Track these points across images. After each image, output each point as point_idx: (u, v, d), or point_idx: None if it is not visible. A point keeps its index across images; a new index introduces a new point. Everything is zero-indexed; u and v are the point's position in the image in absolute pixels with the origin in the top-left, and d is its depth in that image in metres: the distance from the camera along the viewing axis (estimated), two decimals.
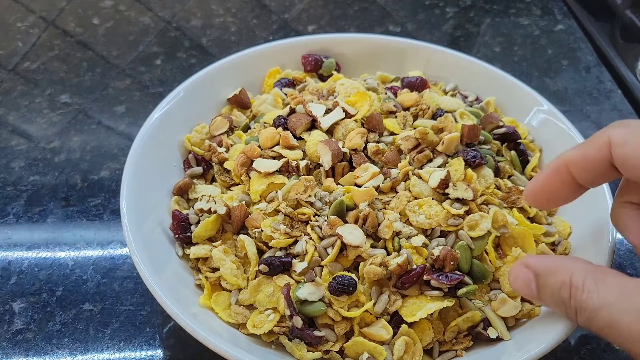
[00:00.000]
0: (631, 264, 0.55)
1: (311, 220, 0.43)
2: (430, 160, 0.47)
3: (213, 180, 0.51)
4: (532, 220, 0.47)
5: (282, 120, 0.50)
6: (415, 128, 0.49)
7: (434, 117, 0.51)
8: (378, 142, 0.48)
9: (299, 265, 0.41)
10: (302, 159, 0.47)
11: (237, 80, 0.58)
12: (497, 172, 0.49)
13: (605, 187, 0.46)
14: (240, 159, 0.47)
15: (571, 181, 0.37)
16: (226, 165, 0.49)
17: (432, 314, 0.40)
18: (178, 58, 0.78)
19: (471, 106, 0.56)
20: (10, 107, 0.69)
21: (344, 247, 0.41)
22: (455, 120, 0.50)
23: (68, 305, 0.49)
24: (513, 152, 0.52)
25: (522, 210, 0.46)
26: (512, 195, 0.46)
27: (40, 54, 0.77)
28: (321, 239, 0.42)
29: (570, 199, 0.39)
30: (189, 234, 0.46)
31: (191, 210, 0.47)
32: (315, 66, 0.60)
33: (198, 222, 0.45)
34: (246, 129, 0.53)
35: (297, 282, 0.41)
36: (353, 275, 0.40)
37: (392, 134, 0.49)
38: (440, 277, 0.40)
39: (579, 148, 0.37)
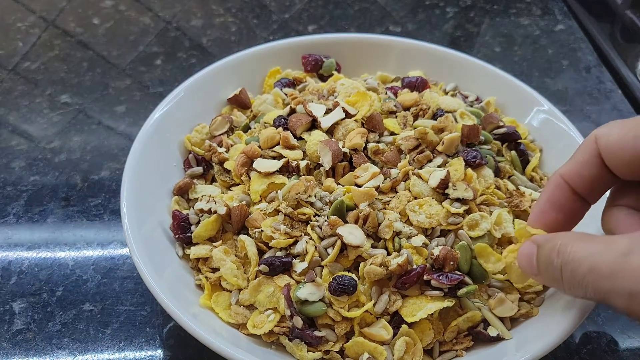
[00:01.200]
0: None
1: (311, 220, 0.43)
2: (430, 160, 0.47)
3: (213, 180, 0.51)
4: None
5: (283, 120, 0.50)
6: (415, 128, 0.49)
7: (434, 117, 0.51)
8: (378, 142, 0.48)
9: (299, 266, 0.41)
10: (303, 159, 0.47)
11: (237, 80, 0.58)
12: (498, 172, 0.49)
13: None
14: (241, 159, 0.47)
15: (571, 194, 0.38)
16: (226, 165, 0.49)
17: (432, 314, 0.40)
18: (178, 58, 0.77)
19: (471, 106, 0.56)
20: (11, 107, 0.69)
21: (344, 247, 0.41)
22: (456, 120, 0.50)
23: (68, 305, 0.49)
24: (513, 152, 0.52)
25: (525, 212, 0.46)
26: (515, 198, 0.46)
27: (40, 54, 0.77)
28: (321, 239, 0.42)
29: (576, 217, 0.39)
30: (189, 234, 0.46)
31: (191, 211, 0.47)
32: (316, 66, 0.60)
33: (198, 222, 0.45)
34: (246, 129, 0.53)
35: (298, 282, 0.41)
36: (353, 276, 0.40)
37: (392, 134, 0.49)
38: (441, 277, 0.40)
39: (570, 159, 0.38)
